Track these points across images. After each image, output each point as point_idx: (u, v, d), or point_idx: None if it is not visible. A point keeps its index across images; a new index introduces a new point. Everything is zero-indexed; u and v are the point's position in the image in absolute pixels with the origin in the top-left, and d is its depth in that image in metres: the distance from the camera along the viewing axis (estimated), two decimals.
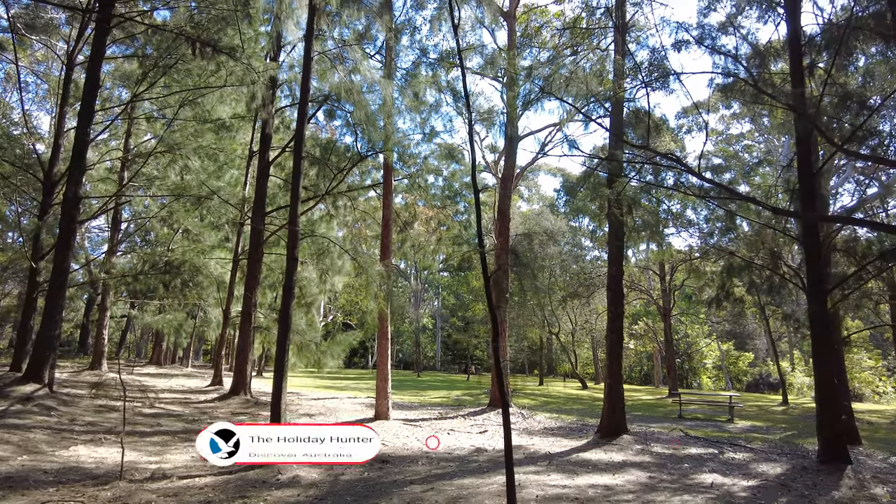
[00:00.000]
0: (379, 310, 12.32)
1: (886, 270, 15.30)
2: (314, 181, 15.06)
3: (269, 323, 16.53)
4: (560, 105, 10.26)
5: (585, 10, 14.10)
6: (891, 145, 11.27)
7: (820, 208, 11.06)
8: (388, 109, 11.67)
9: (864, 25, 9.60)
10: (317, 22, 9.75)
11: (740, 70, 9.86)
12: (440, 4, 12.94)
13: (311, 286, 17.46)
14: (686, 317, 38.12)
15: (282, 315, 8.11)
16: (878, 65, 11.95)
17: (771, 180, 19.45)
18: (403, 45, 16.48)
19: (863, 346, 30.84)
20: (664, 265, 27.24)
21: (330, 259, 15.37)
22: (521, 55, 16.75)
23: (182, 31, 12.60)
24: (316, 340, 14.14)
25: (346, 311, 39.42)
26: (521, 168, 22.56)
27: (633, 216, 11.03)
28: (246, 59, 12.65)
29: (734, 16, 11.37)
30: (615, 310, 11.19)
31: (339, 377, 30.56)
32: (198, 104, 14.44)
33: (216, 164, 17.12)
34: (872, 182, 21.05)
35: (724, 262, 12.52)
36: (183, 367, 29.23)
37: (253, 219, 15.66)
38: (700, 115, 22.20)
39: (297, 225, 8.39)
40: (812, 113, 8.55)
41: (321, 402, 15.85)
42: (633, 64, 9.24)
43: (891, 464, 9.22)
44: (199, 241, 18.77)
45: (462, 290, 43.17)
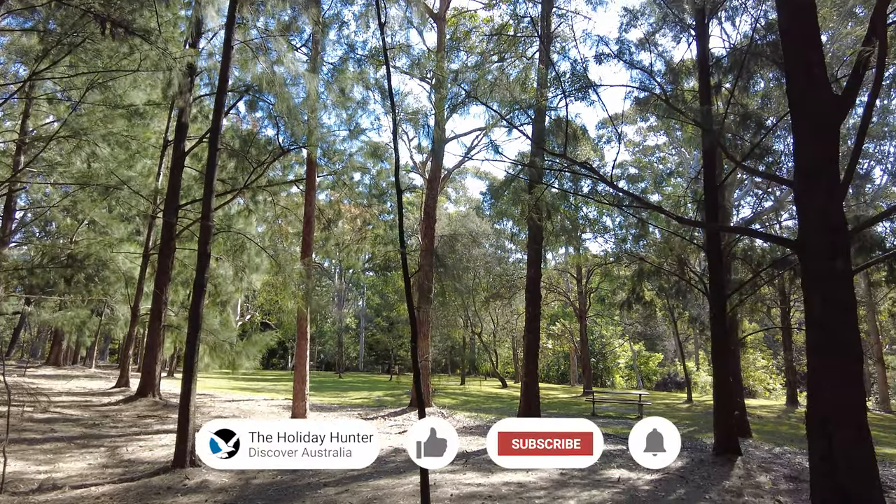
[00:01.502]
0: (298, 310, 12.01)
1: (777, 277, 16.66)
2: (232, 174, 14.47)
3: (181, 321, 15.71)
4: (486, 110, 10.44)
5: (513, 18, 14.41)
6: (784, 163, 12.30)
7: (722, 219, 11.88)
8: (313, 104, 11.41)
9: (763, 53, 10.43)
10: (239, 10, 9.39)
11: (655, 86, 10.40)
12: (368, 1, 12.81)
13: (227, 284, 16.77)
14: (601, 318, 39.80)
15: (192, 313, 7.75)
16: (774, 89, 13.00)
17: (681, 191, 20.67)
18: (331, 40, 16.14)
19: (757, 347, 33.43)
20: (581, 268, 28.30)
21: (247, 256, 14.81)
22: (449, 57, 16.87)
23: (90, 9, 11.73)
24: (231, 340, 13.58)
25: (265, 311, 38.10)
26: (449, 170, 22.73)
27: (552, 221, 11.38)
28: (162, 44, 11.93)
29: (652, 34, 11.98)
30: (533, 311, 11.51)
31: (257, 378, 29.54)
32: (108, 87, 13.46)
33: (128, 153, 16.05)
34: (769, 196, 22.86)
35: (636, 267, 13.17)
36: (86, 367, 27.23)
37: (166, 212, 14.84)
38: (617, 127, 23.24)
39: (210, 220, 8.04)
40: (717, 130, 9.16)
41: (235, 404, 15.26)
42: (555, 74, 9.53)
43: (775, 454, 10.04)
44: (106, 233, 17.54)
45: (387, 289, 42.89)
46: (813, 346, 5.26)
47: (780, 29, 5.76)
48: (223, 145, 14.22)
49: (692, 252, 15.66)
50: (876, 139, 21.89)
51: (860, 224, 6.74)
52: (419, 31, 18.71)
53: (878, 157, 23.30)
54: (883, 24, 4.95)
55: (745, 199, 24.25)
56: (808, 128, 5.33)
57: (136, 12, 12.13)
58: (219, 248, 15.84)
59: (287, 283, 11.08)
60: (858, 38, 11.00)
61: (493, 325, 35.82)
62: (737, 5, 11.60)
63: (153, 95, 15.24)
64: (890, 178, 23.73)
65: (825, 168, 5.26)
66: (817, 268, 5.21)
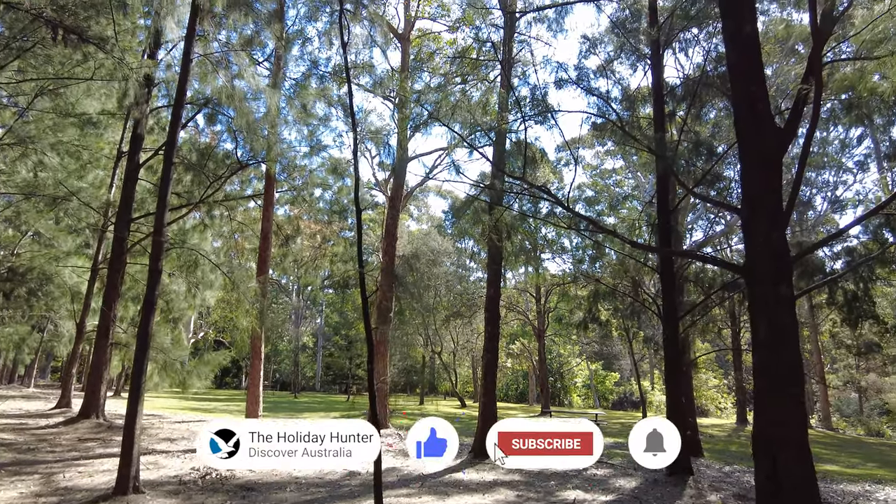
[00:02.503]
0: (252, 328, 11.73)
1: (728, 300, 17.24)
2: (188, 188, 14.12)
3: (130, 339, 15.11)
4: (448, 131, 10.53)
5: (476, 41, 14.65)
6: (734, 188, 12.82)
7: (675, 242, 12.27)
8: (273, 119, 11.29)
9: (714, 84, 10.92)
10: (200, 22, 9.26)
11: (612, 112, 10.72)
12: (332, 19, 12.83)
13: (180, 300, 16.24)
14: (559, 337, 40.24)
15: (141, 331, 7.47)
16: (725, 118, 13.58)
17: (636, 214, 21.25)
18: (294, 56, 16.07)
19: (709, 367, 34.37)
20: (540, 288, 28.61)
21: (201, 272, 14.41)
22: (413, 77, 17.00)
23: (41, 14, 11.34)
24: (182, 359, 13.16)
25: (219, 328, 37.04)
26: (411, 188, 22.77)
27: (511, 242, 11.50)
28: (119, 53, 11.62)
29: (609, 61, 12.37)
30: (492, 330, 11.56)
31: (209, 398, 28.59)
32: (59, 95, 13.00)
33: (79, 163, 15.47)
34: (720, 220, 23.74)
35: (592, 288, 13.41)
36: (24, 387, 25.81)
37: (117, 225, 14.33)
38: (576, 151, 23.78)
39: (162, 235, 7.81)
40: (670, 156, 9.48)
41: (186, 426, 14.70)
42: (516, 98, 9.72)
43: (725, 473, 10.28)
44: (52, 246, 16.80)
45: (347, 307, 42.35)
46: (758, 367, 5.46)
47: (728, 65, 6.04)
48: (180, 158, 13.88)
49: (646, 273, 16.07)
50: (816, 168, 23.06)
51: (802, 250, 7.05)
52: (383, 51, 18.83)
53: (818, 185, 24.56)
54: (818, 65, 5.25)
55: (698, 223, 25.11)
56: (753, 159, 5.58)
57: (92, 20, 11.79)
58: (172, 264, 15.37)
59: (242, 300, 10.84)
60: (799, 74, 11.64)
61: (453, 344, 35.75)
62: (690, 38, 12.14)
63: (108, 105, 14.78)
64: (829, 205, 25.00)
65: (769, 197, 5.51)
66: (762, 292, 5.42)
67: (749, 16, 5.90)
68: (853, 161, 24.05)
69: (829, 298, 12.11)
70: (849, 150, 23.82)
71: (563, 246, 22.62)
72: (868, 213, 6.82)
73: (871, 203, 23.23)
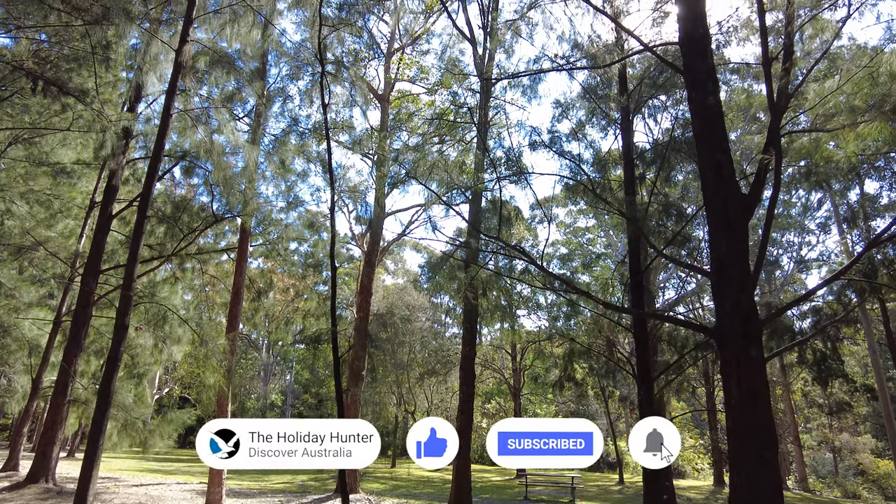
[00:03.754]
0: (219, 387, 11.35)
1: (700, 360, 17.34)
2: (161, 240, 13.93)
3: (90, 395, 14.44)
4: (425, 189, 10.68)
5: (453, 104, 15.12)
6: (704, 248, 13.13)
7: (648, 302, 12.41)
8: (251, 174, 11.34)
9: (681, 148, 11.36)
10: (182, 78, 9.38)
11: (583, 175, 11.01)
12: (315, 78, 13.14)
13: (146, 355, 15.68)
14: (535, 396, 39.78)
15: (102, 389, 7.16)
16: (693, 180, 14.07)
17: (609, 273, 21.55)
18: (275, 112, 16.32)
19: (685, 427, 34.14)
20: (515, 345, 28.46)
21: (169, 326, 14.02)
22: (392, 136, 17.36)
23: (22, 66, 11.39)
24: (145, 417, 12.63)
25: (186, 384, 35.76)
26: (388, 243, 22.81)
27: (487, 299, 11.50)
28: (98, 105, 11.68)
29: (581, 125, 12.83)
30: (467, 389, 11.38)
31: (171, 458, 27.27)
32: (34, 144, 12.92)
33: (48, 212, 15.21)
34: (691, 279, 24.21)
35: (568, 346, 13.40)
36: None
37: (84, 277, 13.95)
38: (550, 209, 24.26)
39: (131, 289, 7.62)
40: (640, 218, 9.71)
41: (144, 489, 13.93)
42: (491, 159, 9.96)
43: None
44: (13, 296, 16.23)
45: (318, 364, 41.41)
46: (732, 430, 5.44)
47: (694, 133, 6.31)
48: (154, 210, 13.75)
49: (621, 332, 16.12)
50: (781, 229, 23.89)
51: (771, 314, 7.18)
52: (363, 111, 19.25)
53: (784, 245, 25.37)
54: (777, 137, 5.53)
55: (671, 281, 25.58)
56: (720, 223, 5.75)
57: (74, 72, 11.90)
58: (140, 317, 14.93)
59: (210, 356, 10.53)
60: (760, 142, 12.22)
61: (427, 403, 35.01)
62: (658, 104, 12.70)
63: (84, 154, 14.71)
64: (795, 265, 25.74)
65: (736, 260, 5.64)
66: (733, 355, 5.47)
67: (712, 88, 6.22)
68: (815, 223, 25.01)
69: (800, 357, 12.29)
70: (811, 213, 24.80)
71: (539, 303, 22.70)
72: (831, 278, 7.04)
73: (834, 263, 24.02)
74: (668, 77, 11.06)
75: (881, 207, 21.29)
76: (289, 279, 23.61)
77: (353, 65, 16.42)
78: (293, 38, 25.37)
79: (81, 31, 11.61)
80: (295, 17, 15.78)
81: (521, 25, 11.71)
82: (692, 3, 6.46)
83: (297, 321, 24.92)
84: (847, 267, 6.17)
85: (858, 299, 9.96)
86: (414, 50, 19.01)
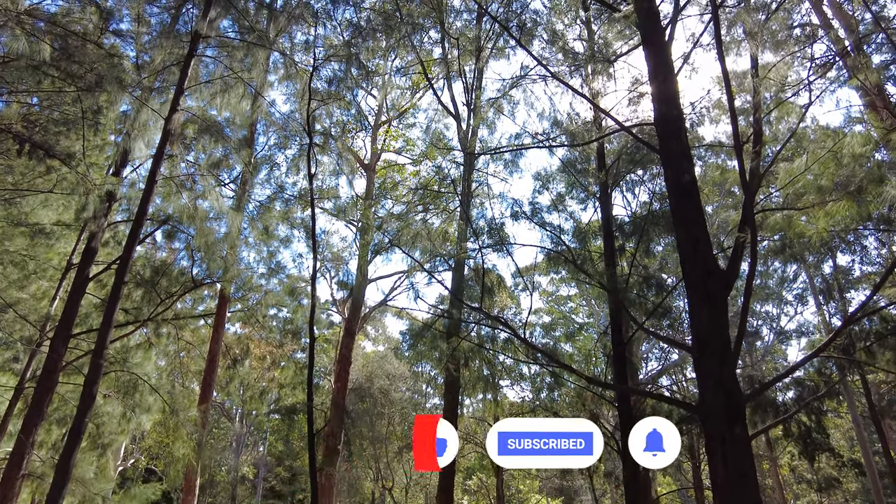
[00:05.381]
0: (188, 460, 10.82)
1: (685, 434, 17.03)
2: (137, 304, 13.63)
3: (47, 469, 13.57)
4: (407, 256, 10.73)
5: (438, 176, 15.46)
6: (685, 319, 13.20)
7: (630, 374, 12.31)
8: (233, 240, 11.31)
9: (659, 221, 11.64)
10: (170, 145, 9.51)
11: (564, 246, 11.18)
12: (302, 149, 13.42)
13: (113, 423, 14.96)
14: (518, 472, 38.46)
15: (61, 463, 6.79)
16: (672, 251, 14.35)
17: (592, 343, 21.47)
18: (261, 179, 16.53)
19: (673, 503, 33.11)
20: (498, 417, 27.76)
21: (140, 394, 13.50)
22: (377, 204, 17.59)
23: (10, 128, 11.49)
24: (105, 493, 11.91)
25: (153, 454, 33.98)
26: (370, 309, 22.59)
27: (469, 369, 11.33)
28: (84, 167, 11.73)
29: (561, 198, 13.15)
30: (447, 466, 10.96)
31: None
32: (14, 204, 12.81)
33: (22, 273, 14.87)
34: (674, 350, 24.15)
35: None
36: None
37: (53, 341, 13.48)
38: (532, 277, 24.38)
39: (102, 357, 7.38)
40: (621, 290, 9.80)
41: None
42: (473, 229, 10.09)
43: None
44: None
45: (293, 435, 39.84)
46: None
47: (671, 209, 6.47)
48: (132, 274, 13.53)
49: (604, 405, 15.86)
50: (760, 300, 24.19)
51: (754, 390, 7.15)
52: (349, 179, 19.59)
53: (763, 316, 25.63)
54: (752, 215, 5.70)
55: (653, 352, 25.48)
56: (700, 298, 5.80)
57: (62, 135, 12.01)
58: (109, 384, 14.36)
59: (179, 427, 10.09)
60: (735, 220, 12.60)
61: (405, 479, 33.61)
62: (636, 179, 13.11)
63: (65, 216, 14.58)
64: (775, 336, 25.92)
65: (717, 335, 5.65)
66: (717, 432, 5.38)
67: (687, 166, 6.44)
68: (793, 295, 25.40)
69: (785, 430, 12.16)
70: (788, 285, 25.23)
71: (522, 373, 22.38)
72: (809, 356, 7.12)
73: (812, 332, 24.22)
74: (645, 154, 11.48)
75: (854, 280, 21.77)
76: (266, 346, 23.09)
77: (340, 136, 16.83)
78: (282, 108, 26.08)
79: (73, 97, 11.82)
80: (285, 88, 16.31)
81: (504, 103, 12.21)
82: (665, 85, 6.80)
83: (272, 390, 24.16)
84: (825, 344, 6.22)
85: (839, 374, 10.00)
86: (400, 123, 19.64)
